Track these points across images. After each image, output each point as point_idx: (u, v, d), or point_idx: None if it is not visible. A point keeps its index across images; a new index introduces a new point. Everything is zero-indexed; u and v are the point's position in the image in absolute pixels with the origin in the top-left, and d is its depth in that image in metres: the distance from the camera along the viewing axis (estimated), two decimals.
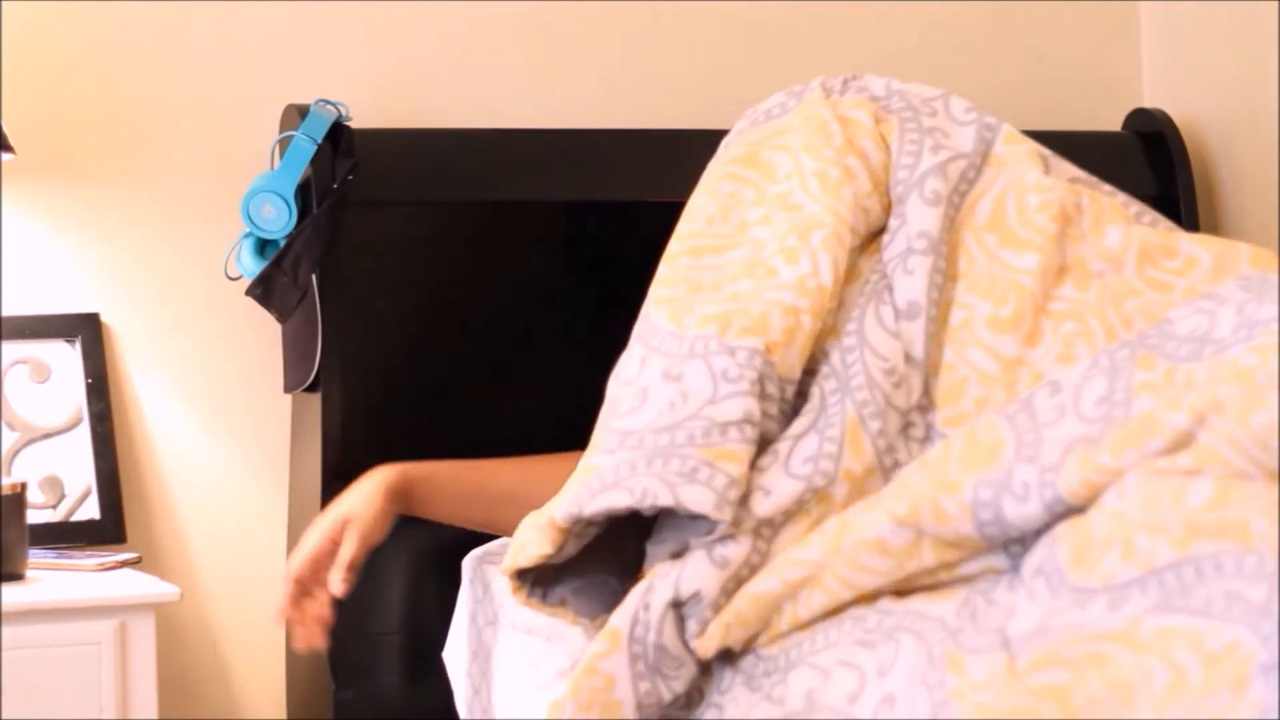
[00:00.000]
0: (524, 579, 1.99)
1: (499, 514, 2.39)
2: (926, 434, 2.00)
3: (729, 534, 1.86)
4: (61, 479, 2.71)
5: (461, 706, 2.39)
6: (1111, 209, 2.19)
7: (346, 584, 2.22)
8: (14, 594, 2.31)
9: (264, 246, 2.71)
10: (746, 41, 3.08)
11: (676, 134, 2.96)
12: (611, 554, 2.00)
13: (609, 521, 1.93)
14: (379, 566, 2.61)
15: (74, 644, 2.34)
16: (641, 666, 1.85)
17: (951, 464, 1.82)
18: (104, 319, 2.77)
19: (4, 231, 2.71)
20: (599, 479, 1.90)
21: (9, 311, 2.71)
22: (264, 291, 2.69)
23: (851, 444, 1.94)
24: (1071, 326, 2.04)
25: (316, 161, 2.68)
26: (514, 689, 2.31)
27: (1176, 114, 3.15)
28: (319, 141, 2.67)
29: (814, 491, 1.90)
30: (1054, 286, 2.07)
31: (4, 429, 2.68)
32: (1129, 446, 1.72)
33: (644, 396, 1.96)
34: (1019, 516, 1.75)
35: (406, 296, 2.76)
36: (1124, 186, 3.10)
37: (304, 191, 2.69)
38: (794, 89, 2.32)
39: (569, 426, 2.39)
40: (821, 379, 2.00)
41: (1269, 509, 1.60)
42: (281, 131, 2.75)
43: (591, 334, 2.67)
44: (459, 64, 2.94)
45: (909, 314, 2.04)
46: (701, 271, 2.11)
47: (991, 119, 2.25)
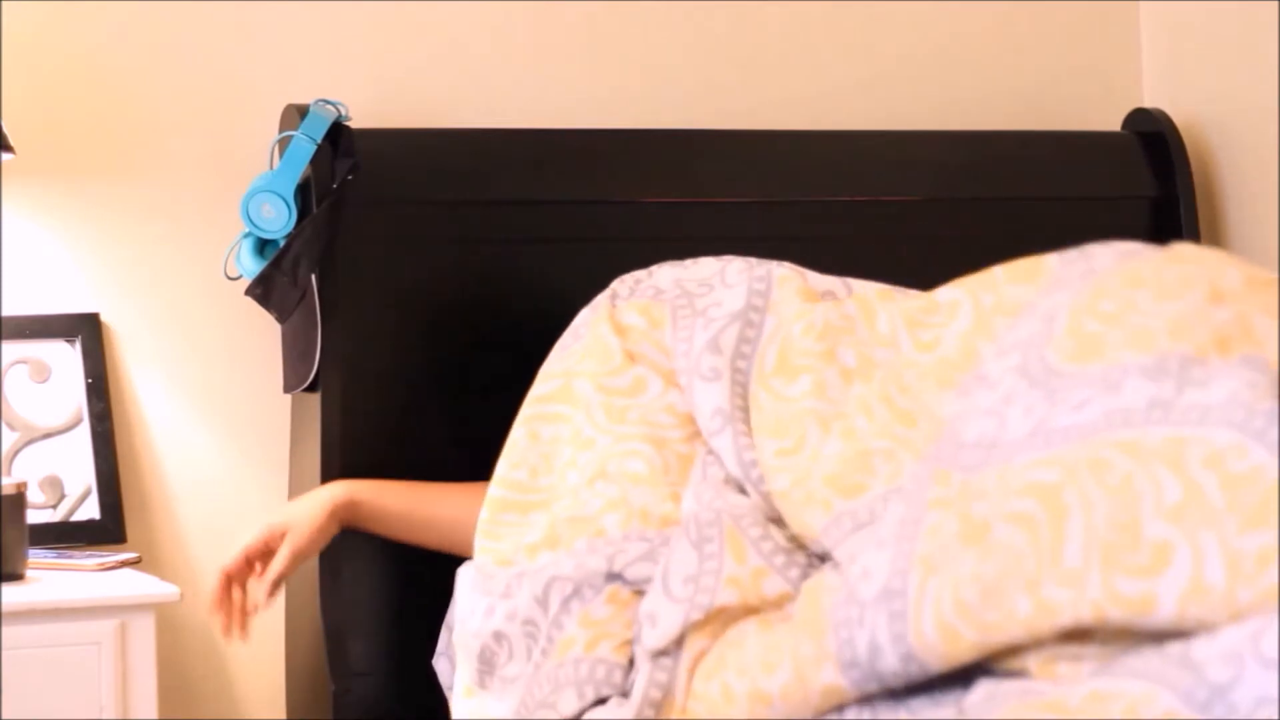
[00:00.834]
0: None
1: (444, 537, 2.53)
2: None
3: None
4: (61, 479, 2.71)
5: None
6: (879, 295, 2.28)
7: (271, 596, 2.42)
8: (14, 594, 2.31)
9: (263, 246, 2.71)
10: (747, 42, 3.08)
11: (676, 134, 2.96)
12: None
13: None
14: (380, 567, 2.61)
15: (74, 644, 2.34)
16: None
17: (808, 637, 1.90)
18: (104, 319, 2.77)
19: (4, 231, 2.71)
20: None
21: (9, 311, 2.71)
22: (263, 291, 2.69)
23: (733, 550, 2.04)
24: (859, 423, 2.10)
25: (316, 161, 2.68)
26: None
27: (1176, 114, 3.15)
28: (319, 141, 2.67)
29: (701, 611, 2.01)
30: (841, 392, 2.15)
31: (4, 429, 2.68)
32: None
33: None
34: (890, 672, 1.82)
35: (406, 296, 2.76)
36: (1124, 187, 3.13)
37: (304, 191, 2.69)
38: (594, 301, 2.45)
39: None
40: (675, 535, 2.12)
41: None
42: (281, 131, 2.75)
43: None
44: (459, 64, 2.94)
45: (740, 486, 2.16)
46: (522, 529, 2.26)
47: (762, 270, 2.34)
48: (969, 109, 3.18)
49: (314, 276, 2.65)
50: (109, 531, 2.70)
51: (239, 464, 2.82)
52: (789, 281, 2.30)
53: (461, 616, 2.20)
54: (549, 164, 2.84)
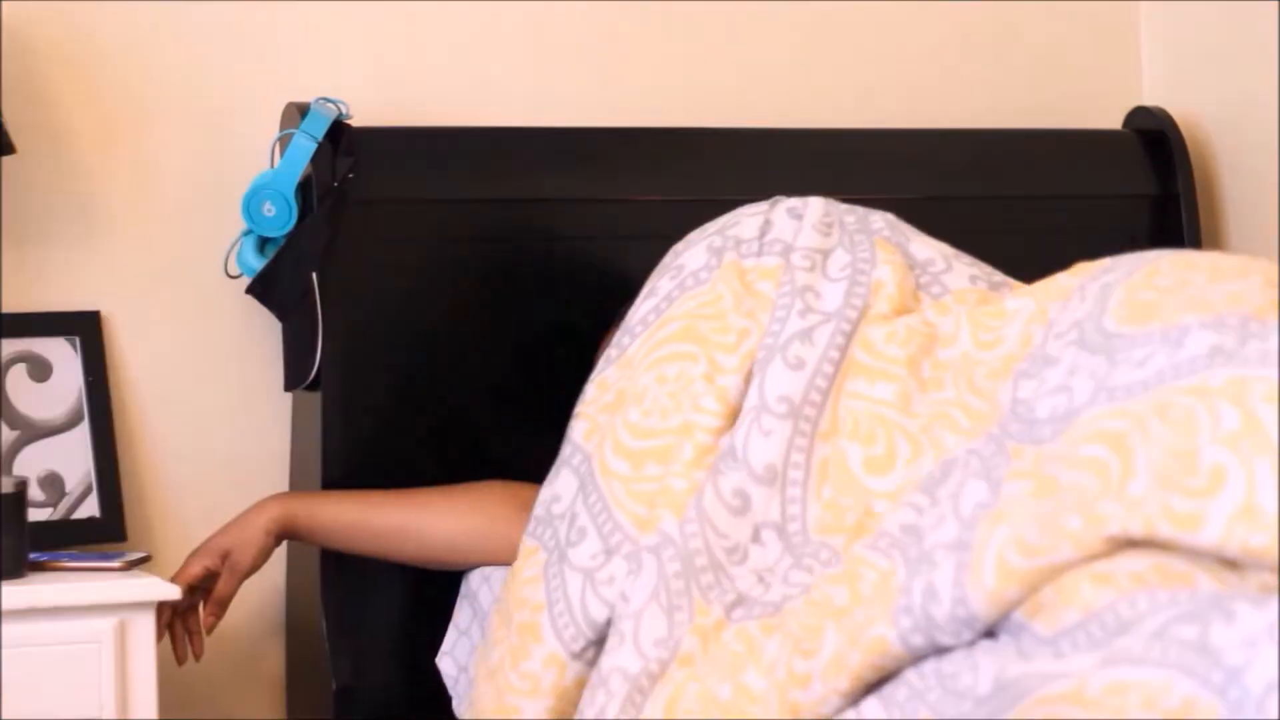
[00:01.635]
0: None
1: (386, 547, 2.55)
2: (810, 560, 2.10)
3: None
4: (62, 477, 2.70)
5: (458, 711, 2.42)
6: (956, 299, 2.29)
7: (216, 619, 2.49)
8: (14, 593, 2.31)
9: (264, 244, 2.71)
10: (747, 42, 3.08)
11: (676, 133, 2.95)
12: None
13: None
14: (381, 565, 2.61)
15: (74, 643, 2.33)
16: None
17: (858, 609, 1.91)
18: (104, 317, 2.76)
19: (4, 229, 2.71)
20: None
21: (9, 309, 2.71)
22: (264, 289, 2.69)
23: (699, 610, 2.07)
24: (948, 440, 2.11)
25: (317, 160, 2.67)
26: None
27: (1177, 112, 3.15)
28: (319, 139, 2.67)
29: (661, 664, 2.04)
30: (922, 404, 2.16)
31: (4, 427, 2.68)
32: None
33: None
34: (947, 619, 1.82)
35: (407, 295, 2.75)
36: (1124, 185, 3.13)
37: (304, 190, 2.69)
38: (714, 243, 2.41)
39: (567, 422, 2.39)
40: (660, 551, 2.12)
41: None
42: (282, 129, 2.75)
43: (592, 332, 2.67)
44: (459, 63, 2.94)
45: (765, 479, 2.15)
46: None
47: (865, 267, 2.32)
48: (969, 107, 3.18)
49: (315, 275, 2.65)
50: (109, 530, 2.70)
51: (239, 463, 2.81)
52: (883, 289, 2.30)
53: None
54: (550, 162, 2.84)
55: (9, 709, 2.29)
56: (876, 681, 1.86)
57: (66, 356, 2.73)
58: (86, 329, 2.74)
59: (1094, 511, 1.74)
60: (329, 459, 2.66)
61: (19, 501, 2.39)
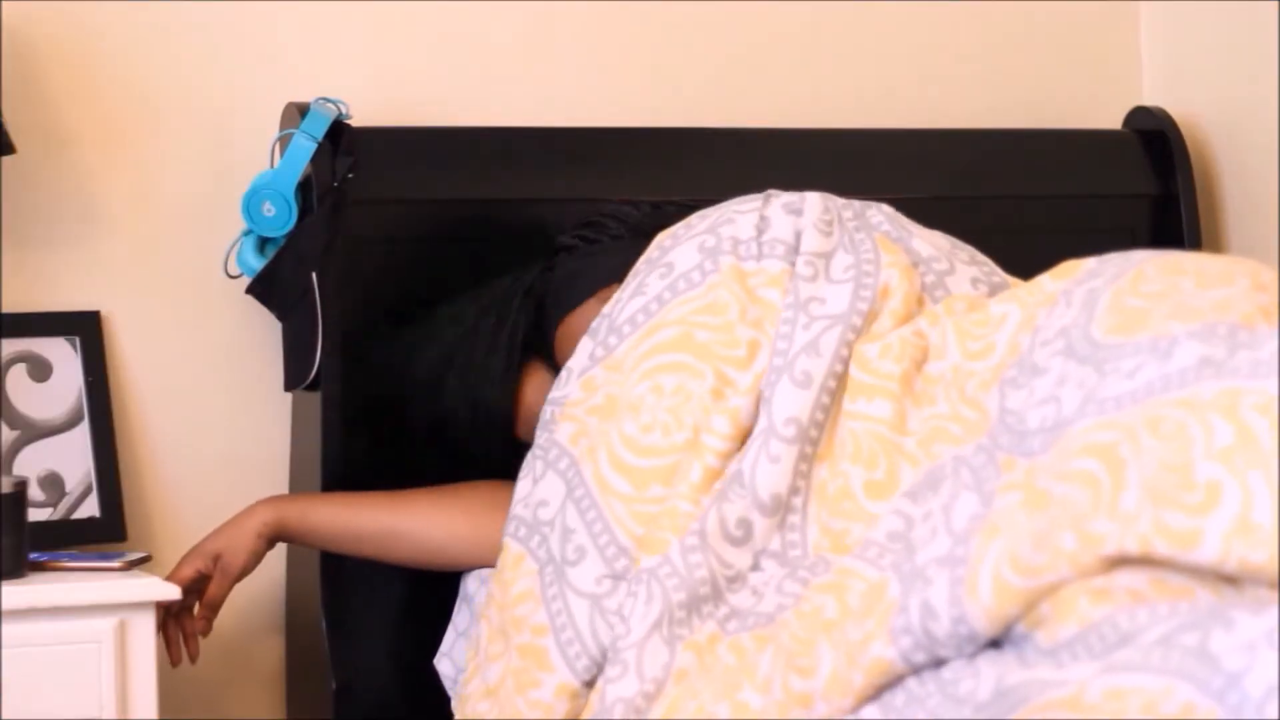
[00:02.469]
0: None
1: (377, 550, 2.54)
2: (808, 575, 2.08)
3: None
4: (62, 477, 2.71)
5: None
6: (946, 310, 2.24)
7: (208, 622, 2.50)
8: (14, 593, 2.31)
9: (264, 244, 2.71)
10: (747, 42, 3.08)
11: (676, 133, 2.95)
12: None
13: None
14: (381, 565, 2.61)
15: (74, 643, 2.33)
16: None
17: (849, 622, 1.90)
18: (104, 317, 2.76)
19: (4, 229, 2.71)
20: None
21: (9, 309, 2.71)
22: (264, 289, 2.69)
23: (700, 631, 2.07)
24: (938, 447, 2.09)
25: (317, 159, 2.67)
26: None
27: (1177, 112, 3.15)
28: (319, 139, 2.67)
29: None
30: (917, 421, 2.14)
31: (4, 427, 2.68)
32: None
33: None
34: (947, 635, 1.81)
35: (407, 295, 2.75)
36: (1124, 185, 3.12)
37: (304, 189, 2.69)
38: (706, 243, 2.34)
39: None
40: (665, 580, 2.11)
41: None
42: (281, 129, 2.75)
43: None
44: (459, 63, 2.94)
45: (770, 508, 2.14)
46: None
47: (871, 269, 2.28)
48: (969, 107, 3.18)
49: (315, 275, 2.65)
50: (109, 530, 2.70)
51: (239, 463, 2.81)
52: (890, 298, 2.27)
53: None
54: (550, 162, 2.84)
55: (9, 709, 2.29)
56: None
57: (66, 356, 2.73)
58: (86, 329, 2.74)
59: (1088, 530, 1.72)
60: (329, 459, 2.66)
61: (19, 501, 2.38)
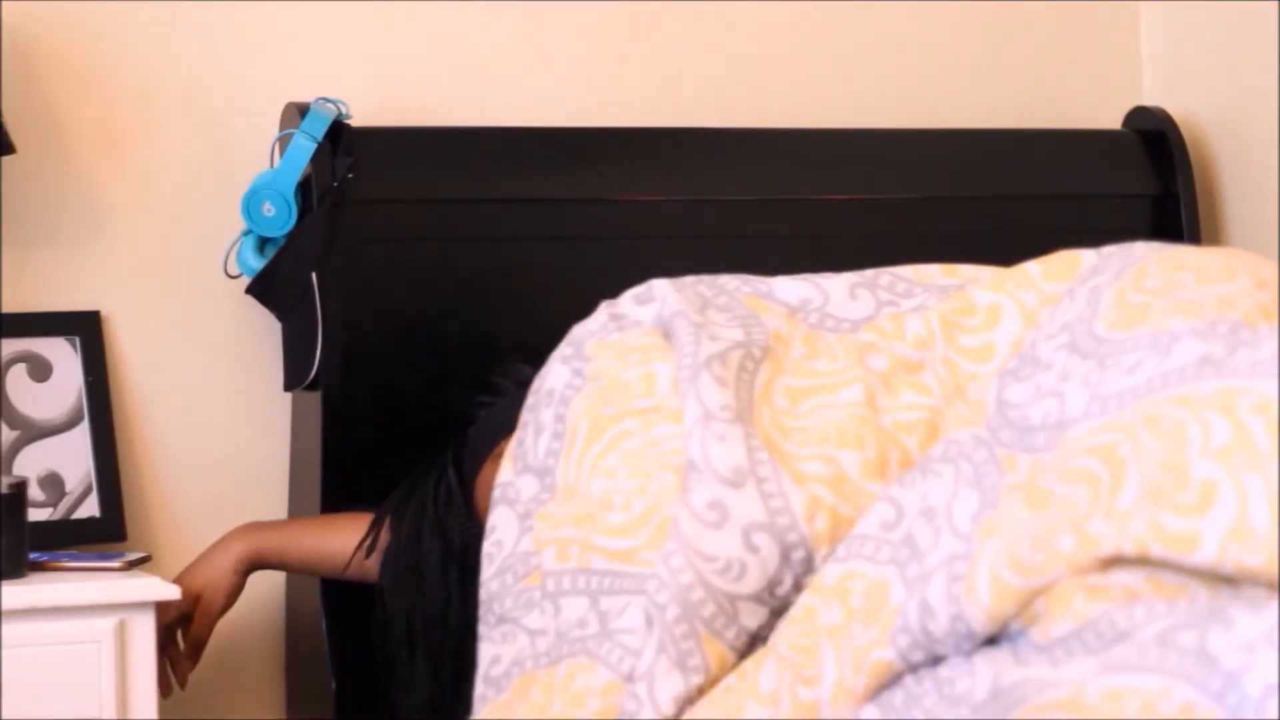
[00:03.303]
0: None
1: (357, 573, 2.53)
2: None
3: None
4: (62, 476, 2.71)
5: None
6: (892, 319, 2.19)
7: (194, 662, 2.52)
8: (14, 593, 2.31)
9: (264, 244, 2.71)
10: (747, 42, 3.08)
11: (676, 133, 2.96)
12: None
13: None
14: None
15: (74, 643, 2.33)
16: None
17: (854, 624, 1.88)
18: (104, 317, 2.77)
19: (4, 229, 2.71)
20: None
21: (9, 309, 2.71)
22: (264, 289, 2.69)
23: (712, 654, 1.99)
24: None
25: (316, 159, 2.67)
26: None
27: (1177, 112, 3.15)
28: (319, 139, 2.67)
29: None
30: (890, 399, 2.09)
31: (4, 427, 2.68)
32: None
33: None
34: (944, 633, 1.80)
35: (407, 295, 2.76)
36: (1124, 185, 3.13)
37: (304, 189, 2.69)
38: (564, 353, 2.28)
39: None
40: (654, 594, 2.03)
41: None
42: (281, 129, 2.75)
43: None
44: (458, 63, 2.94)
45: (735, 480, 2.03)
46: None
47: (759, 326, 2.21)
48: (969, 107, 3.18)
49: (314, 275, 2.65)
50: (109, 530, 2.70)
51: (239, 463, 2.81)
52: (788, 343, 2.21)
53: None
54: (550, 162, 2.84)
55: (9, 709, 2.29)
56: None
57: (66, 356, 2.73)
58: (86, 329, 2.74)
59: (1085, 531, 1.71)
60: (329, 459, 2.66)
61: (19, 501, 2.39)
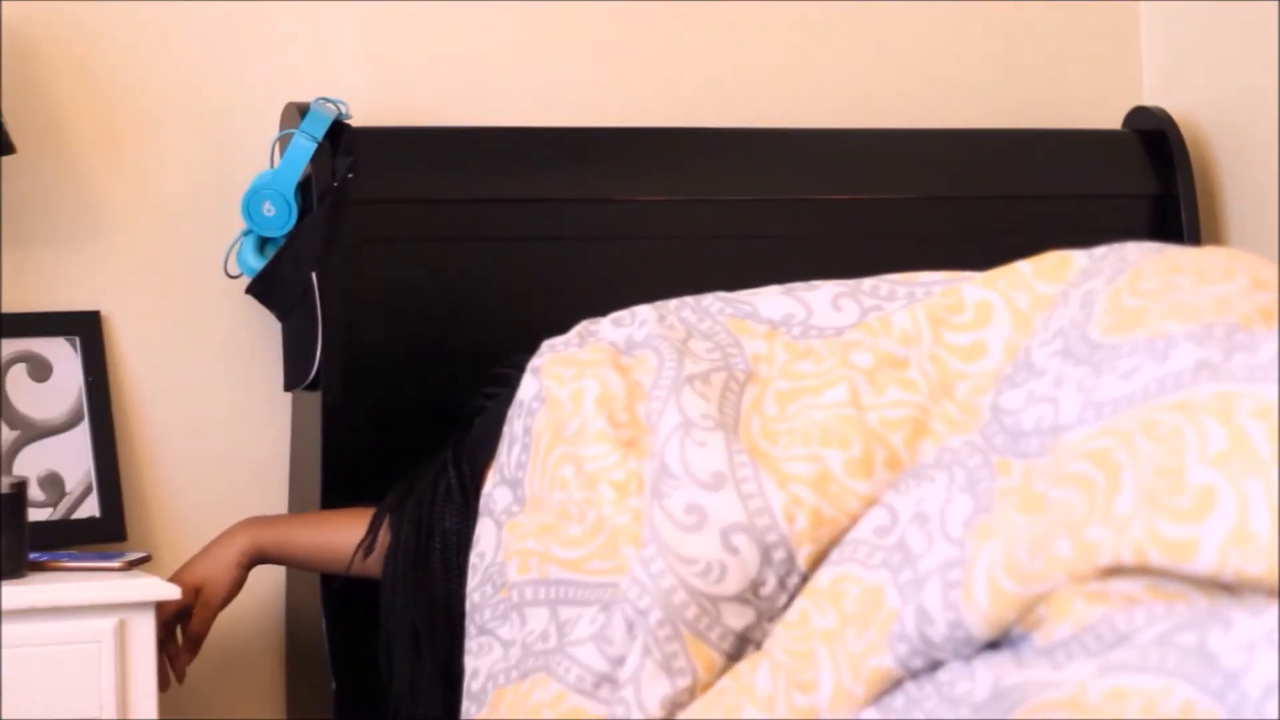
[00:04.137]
0: None
1: (358, 568, 2.53)
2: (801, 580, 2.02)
3: None
4: (62, 477, 2.71)
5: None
6: (881, 324, 2.18)
7: (193, 655, 2.52)
8: (14, 593, 2.31)
9: (264, 244, 2.71)
10: (747, 42, 3.08)
11: (676, 133, 2.96)
12: None
13: None
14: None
15: (74, 643, 2.33)
16: None
17: (848, 629, 1.88)
18: (104, 317, 2.77)
19: (4, 229, 2.71)
20: None
21: (9, 309, 2.71)
22: (264, 289, 2.69)
23: (697, 656, 1.98)
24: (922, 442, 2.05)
25: (316, 159, 2.67)
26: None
27: (1177, 112, 3.15)
28: (319, 139, 2.67)
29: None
30: (876, 397, 2.08)
31: (4, 427, 2.68)
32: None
33: None
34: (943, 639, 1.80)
35: (407, 294, 2.76)
36: (1124, 185, 3.13)
37: (304, 189, 2.69)
38: (535, 363, 2.33)
39: None
40: (636, 600, 2.02)
41: None
42: (281, 129, 2.75)
43: None
44: (458, 63, 2.94)
45: (714, 485, 2.03)
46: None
47: (738, 351, 2.21)
48: (969, 107, 3.18)
49: (314, 275, 2.65)
50: (109, 530, 2.70)
51: (239, 463, 2.81)
52: (770, 362, 2.20)
53: None
54: (550, 162, 2.84)
55: (9, 709, 2.29)
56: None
57: (66, 356, 2.73)
58: (86, 329, 2.74)
59: (1083, 537, 1.71)
60: (329, 459, 2.66)
61: (19, 501, 2.39)
